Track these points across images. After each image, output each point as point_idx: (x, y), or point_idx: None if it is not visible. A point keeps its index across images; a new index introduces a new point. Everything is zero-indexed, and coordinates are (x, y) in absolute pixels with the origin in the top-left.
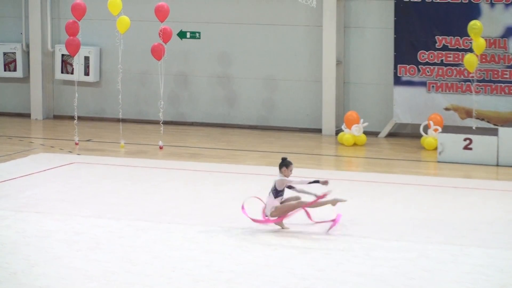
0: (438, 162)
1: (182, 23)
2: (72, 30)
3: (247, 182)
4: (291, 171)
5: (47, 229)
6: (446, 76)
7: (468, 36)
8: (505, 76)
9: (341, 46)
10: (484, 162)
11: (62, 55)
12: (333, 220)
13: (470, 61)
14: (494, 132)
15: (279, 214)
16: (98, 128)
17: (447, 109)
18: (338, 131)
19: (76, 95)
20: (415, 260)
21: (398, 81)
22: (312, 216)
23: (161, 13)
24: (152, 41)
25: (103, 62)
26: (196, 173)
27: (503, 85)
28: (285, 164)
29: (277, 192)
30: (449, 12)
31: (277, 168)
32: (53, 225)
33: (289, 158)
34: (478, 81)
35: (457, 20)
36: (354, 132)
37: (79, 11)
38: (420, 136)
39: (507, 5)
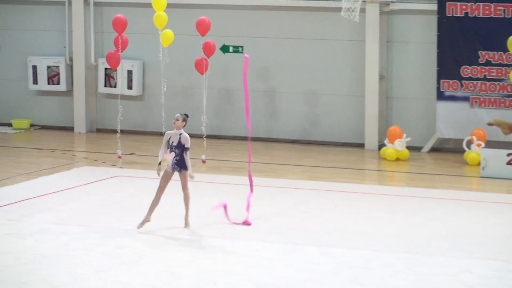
0: (481, 177)
1: (225, 38)
2: (120, 44)
3: (289, 196)
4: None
5: (90, 242)
6: (489, 91)
7: None
8: None
9: (384, 60)
10: None
11: (105, 68)
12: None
13: None
14: None
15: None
16: (141, 141)
17: (490, 124)
18: (381, 145)
19: (120, 108)
20: (458, 275)
21: (441, 96)
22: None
23: (202, 27)
24: (195, 55)
25: (146, 76)
26: (238, 187)
27: None
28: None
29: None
30: (492, 27)
31: (320, 183)
32: (96, 238)
33: (331, 172)
34: None
35: (500, 35)
36: (397, 146)
37: (120, 25)
38: (463, 151)
39: None
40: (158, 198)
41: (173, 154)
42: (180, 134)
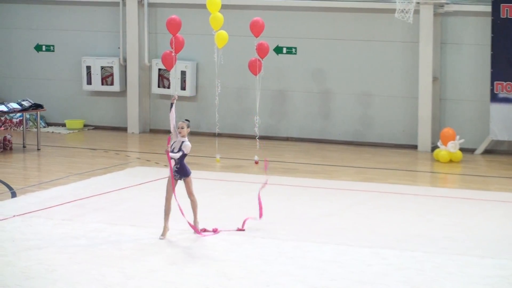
0: None
1: (279, 39)
2: (177, 45)
3: (342, 197)
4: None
5: (142, 242)
6: None
7: None
8: None
9: (438, 62)
10: None
11: (159, 69)
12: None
13: None
14: None
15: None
16: (194, 142)
17: None
18: (434, 147)
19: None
20: (511, 278)
21: (494, 98)
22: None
23: (256, 28)
24: (249, 56)
25: (199, 76)
26: (291, 188)
27: None
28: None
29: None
30: None
31: (373, 184)
32: (148, 239)
33: (384, 174)
34: None
35: None
36: (450, 148)
37: (174, 26)
38: None
39: None
40: (168, 204)
41: (173, 162)
42: (183, 142)
